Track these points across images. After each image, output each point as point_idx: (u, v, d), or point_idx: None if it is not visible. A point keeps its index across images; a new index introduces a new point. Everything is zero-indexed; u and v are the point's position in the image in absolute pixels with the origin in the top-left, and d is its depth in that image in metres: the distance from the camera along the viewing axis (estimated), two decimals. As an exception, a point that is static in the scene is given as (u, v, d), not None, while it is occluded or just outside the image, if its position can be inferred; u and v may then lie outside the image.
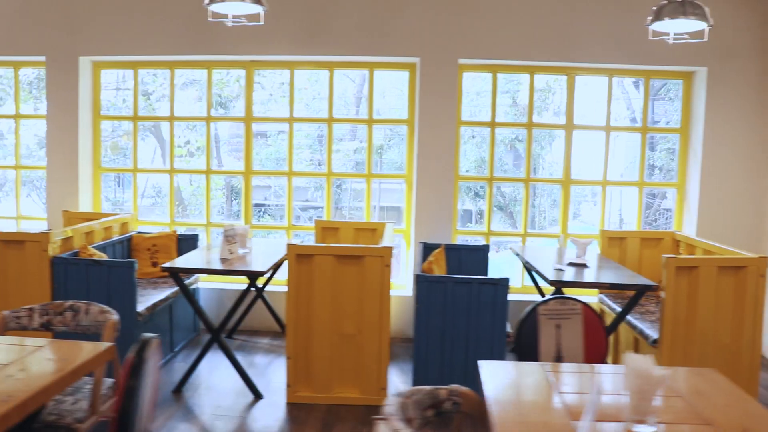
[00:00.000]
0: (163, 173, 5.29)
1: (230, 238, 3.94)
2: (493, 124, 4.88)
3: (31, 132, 8.60)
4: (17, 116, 5.24)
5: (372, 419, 1.90)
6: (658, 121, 10.06)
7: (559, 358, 2.70)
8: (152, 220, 6.01)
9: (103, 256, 4.12)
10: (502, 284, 3.52)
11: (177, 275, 3.67)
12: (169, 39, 4.84)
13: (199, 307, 3.81)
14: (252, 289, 4.10)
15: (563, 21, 4.65)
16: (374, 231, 4.71)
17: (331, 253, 3.56)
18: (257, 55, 4.86)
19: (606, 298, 4.38)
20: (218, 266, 3.73)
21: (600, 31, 4.64)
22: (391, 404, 1.71)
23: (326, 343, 3.59)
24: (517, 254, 4.36)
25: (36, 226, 5.38)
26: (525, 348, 2.71)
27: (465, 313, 3.54)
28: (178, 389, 3.74)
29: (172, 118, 5.08)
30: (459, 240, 4.93)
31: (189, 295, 3.75)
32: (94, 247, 4.16)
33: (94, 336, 2.78)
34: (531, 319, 2.72)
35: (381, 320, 3.57)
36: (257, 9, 3.74)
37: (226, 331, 4.82)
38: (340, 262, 3.55)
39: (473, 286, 3.53)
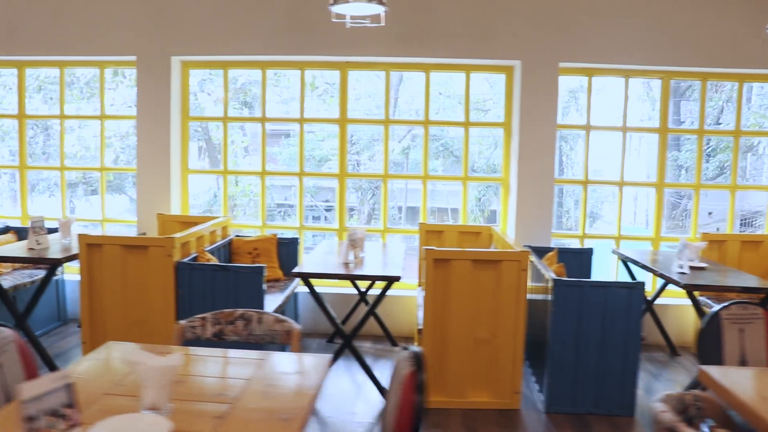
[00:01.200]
0: (254, 175, 5.19)
1: (354, 242, 3.90)
2: (588, 128, 4.89)
3: (90, 132, 8.52)
4: (102, 116, 5.14)
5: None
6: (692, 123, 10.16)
7: (743, 362, 2.71)
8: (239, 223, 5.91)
9: (213, 259, 4.06)
10: (638, 288, 3.53)
11: (308, 280, 3.63)
12: (262, 39, 4.77)
13: (328, 311, 3.77)
14: (365, 295, 4.07)
15: (661, 24, 4.66)
16: (478, 234, 4.69)
17: (468, 258, 3.54)
18: (352, 56, 4.82)
19: (709, 300, 4.40)
20: (342, 271, 3.70)
21: (698, 33, 4.65)
22: (665, 410, 1.71)
23: (461, 348, 3.58)
24: (626, 257, 4.37)
25: (121, 229, 5.30)
26: (708, 351, 2.71)
27: (600, 317, 3.53)
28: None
29: (264, 120, 5.01)
30: (553, 243, 4.93)
31: (319, 299, 3.71)
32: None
33: (268, 346, 2.74)
34: (714, 323, 2.73)
35: (516, 324, 3.56)
36: (379, 9, 3.71)
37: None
38: (477, 266, 3.53)
39: (609, 290, 3.53)
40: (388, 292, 3.64)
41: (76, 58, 5.06)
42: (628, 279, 4.55)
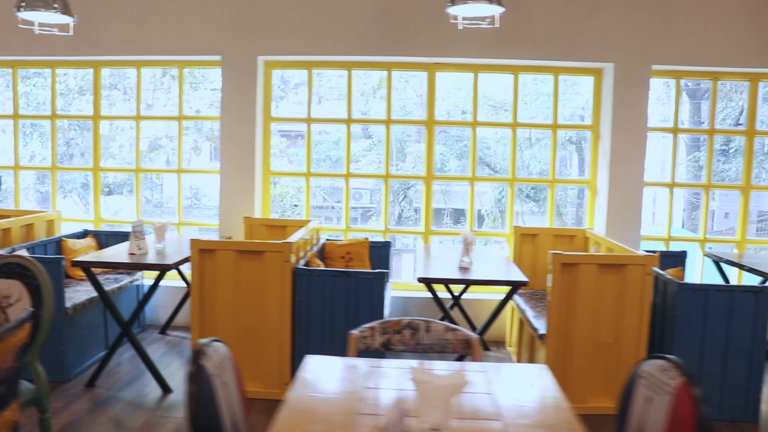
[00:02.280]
0: (338, 177, 5.09)
1: (469, 245, 3.85)
2: (675, 131, 4.88)
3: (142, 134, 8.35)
4: (180, 117, 5.04)
5: None
6: None
7: None
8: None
9: (321, 264, 3.98)
10: (765, 292, 3.52)
11: (431, 286, 3.58)
12: (348, 39, 4.70)
13: (449, 314, 3.72)
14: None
15: (746, 27, 4.67)
16: (572, 238, 4.66)
17: (595, 262, 3.51)
18: (440, 57, 4.76)
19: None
20: (460, 275, 3.65)
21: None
22: None
23: (584, 353, 3.54)
24: (723, 258, 4.37)
25: (193, 232, 5.19)
26: None
27: (725, 322, 3.52)
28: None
29: (349, 121, 4.93)
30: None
31: (442, 305, 3.66)
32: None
33: (437, 356, 2.68)
34: None
35: (640, 329, 3.53)
36: (498, 10, 3.66)
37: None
38: (602, 271, 3.50)
39: (735, 294, 3.51)
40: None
41: (156, 58, 4.94)
42: (722, 281, 4.56)
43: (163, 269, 3.67)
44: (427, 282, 3.53)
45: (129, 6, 4.80)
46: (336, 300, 3.59)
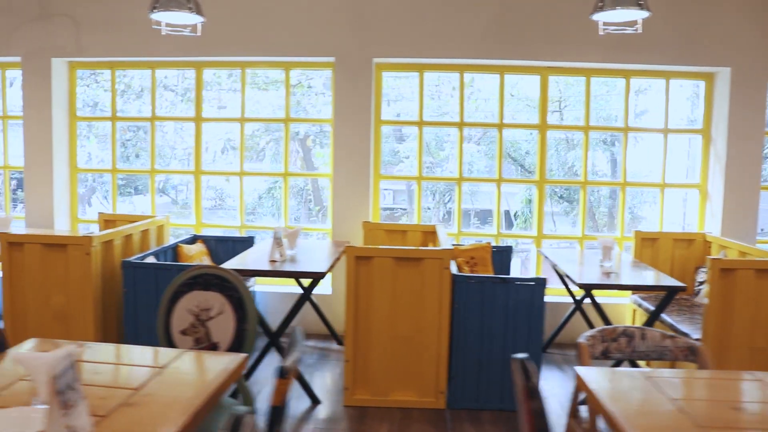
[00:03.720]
0: (451, 181, 5.01)
1: (609, 250, 3.83)
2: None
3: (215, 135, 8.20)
4: (287, 120, 4.93)
5: None
6: None
7: None
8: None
9: (466, 270, 3.93)
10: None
11: (590, 292, 3.55)
12: (461, 42, 4.65)
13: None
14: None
15: None
16: (692, 241, 4.66)
17: (753, 267, 3.50)
18: (554, 62, 4.73)
19: None
20: (610, 280, 3.63)
21: None
22: None
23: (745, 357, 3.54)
24: None
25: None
26: None
27: None
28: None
29: (462, 124, 4.88)
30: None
31: (602, 310, 3.63)
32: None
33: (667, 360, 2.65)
34: None
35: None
36: (642, 15, 3.65)
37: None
38: (759, 276, 3.50)
39: None
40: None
41: (262, 59, 4.84)
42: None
43: (316, 277, 3.60)
44: (587, 288, 3.50)
45: (239, 6, 4.69)
46: (494, 307, 3.54)
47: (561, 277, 4.21)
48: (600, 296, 4.58)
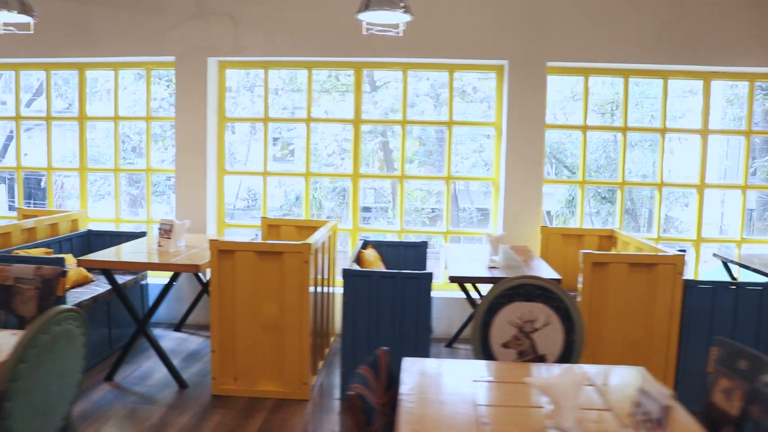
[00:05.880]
0: (613, 185, 4.98)
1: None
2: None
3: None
4: (450, 123, 4.86)
5: None
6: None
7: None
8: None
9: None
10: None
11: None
12: (626, 47, 4.64)
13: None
14: None
15: None
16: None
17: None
18: (717, 66, 4.76)
19: None
20: None
21: None
22: None
23: None
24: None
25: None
26: None
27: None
28: None
29: (626, 129, 4.88)
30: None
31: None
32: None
33: None
34: None
35: None
36: None
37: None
38: None
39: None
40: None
41: (427, 60, 4.76)
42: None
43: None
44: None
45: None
46: (723, 312, 3.54)
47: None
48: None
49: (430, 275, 3.55)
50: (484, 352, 2.63)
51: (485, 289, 4.01)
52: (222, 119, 4.96)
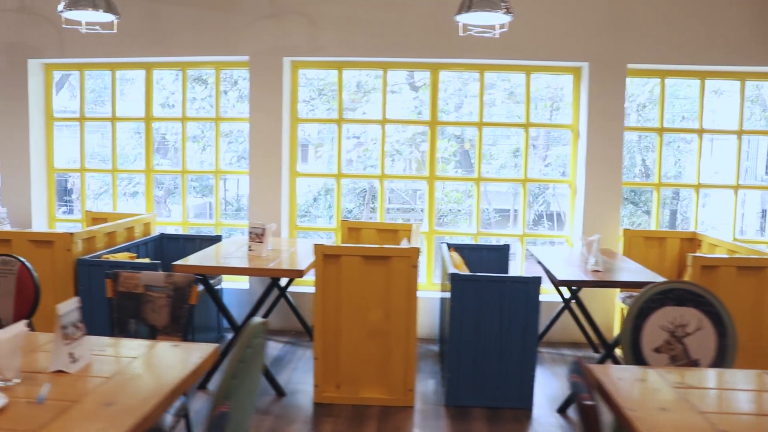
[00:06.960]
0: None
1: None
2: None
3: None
4: (527, 125, 4.83)
5: None
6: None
7: None
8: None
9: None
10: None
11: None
12: (703, 48, 4.64)
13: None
14: None
15: None
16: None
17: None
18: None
19: None
20: None
21: None
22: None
23: None
24: None
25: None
26: None
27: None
28: None
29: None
30: None
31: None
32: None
33: None
34: None
35: None
36: None
37: None
38: None
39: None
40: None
41: (503, 62, 4.73)
42: None
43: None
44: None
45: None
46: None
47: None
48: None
49: (538, 279, 3.51)
50: (635, 357, 2.61)
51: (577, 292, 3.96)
52: (294, 120, 4.88)
